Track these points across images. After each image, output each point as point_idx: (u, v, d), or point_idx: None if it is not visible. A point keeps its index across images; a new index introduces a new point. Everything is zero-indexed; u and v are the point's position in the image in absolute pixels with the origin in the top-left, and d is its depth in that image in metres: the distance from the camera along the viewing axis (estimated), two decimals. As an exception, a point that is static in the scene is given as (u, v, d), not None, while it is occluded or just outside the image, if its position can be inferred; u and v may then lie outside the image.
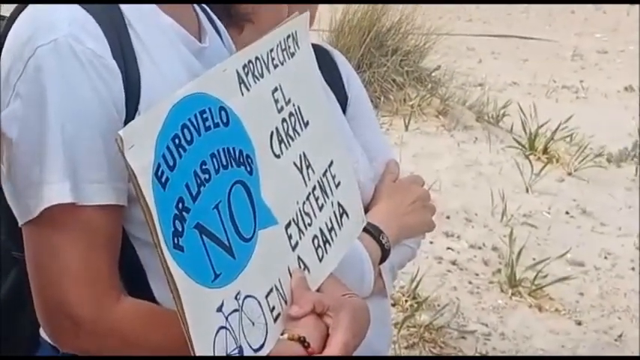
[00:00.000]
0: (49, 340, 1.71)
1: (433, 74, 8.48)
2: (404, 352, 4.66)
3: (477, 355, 4.90)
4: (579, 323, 5.51)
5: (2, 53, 1.67)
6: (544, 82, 10.81)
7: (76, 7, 1.63)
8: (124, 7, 1.68)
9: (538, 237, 6.33)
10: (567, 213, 6.90)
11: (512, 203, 6.52)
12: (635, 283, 6.03)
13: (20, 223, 1.65)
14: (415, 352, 4.72)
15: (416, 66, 8.28)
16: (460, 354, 4.91)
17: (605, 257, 6.32)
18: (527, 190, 7.00)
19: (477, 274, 5.68)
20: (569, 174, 7.51)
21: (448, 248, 5.82)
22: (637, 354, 5.19)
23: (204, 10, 1.90)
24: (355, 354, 1.76)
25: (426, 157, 6.90)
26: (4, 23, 1.74)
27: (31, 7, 1.67)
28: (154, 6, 1.72)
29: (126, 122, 1.61)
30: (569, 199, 7.10)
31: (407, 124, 7.47)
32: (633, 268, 6.22)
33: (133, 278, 1.68)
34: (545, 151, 7.64)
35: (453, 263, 5.75)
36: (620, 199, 7.20)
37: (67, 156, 1.58)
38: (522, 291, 5.62)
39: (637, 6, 13.98)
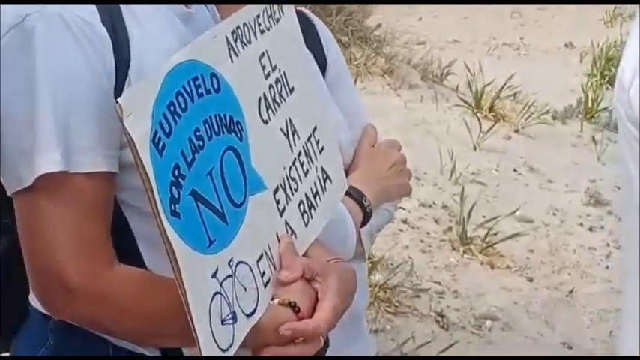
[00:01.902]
0: (41, 309, 1.72)
1: (377, 33, 8.51)
2: (360, 312, 4.70)
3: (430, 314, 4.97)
4: (530, 279, 5.61)
5: None
6: (485, 40, 10.89)
7: None
8: None
9: (487, 195, 6.41)
10: (515, 170, 6.97)
11: (461, 162, 6.56)
12: (583, 239, 6.14)
13: (10, 192, 1.66)
14: (371, 312, 4.75)
15: (361, 25, 8.31)
16: (415, 312, 4.97)
17: (554, 214, 6.42)
18: (474, 149, 7.06)
19: (428, 233, 5.73)
20: (516, 131, 7.58)
21: (399, 207, 5.85)
22: (588, 309, 5.32)
23: None
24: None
25: (373, 117, 6.86)
26: None
27: None
28: None
29: (116, 88, 1.62)
30: (516, 157, 7.16)
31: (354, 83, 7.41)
32: (581, 224, 6.31)
33: (124, 245, 1.69)
34: (491, 109, 7.70)
35: (405, 222, 5.79)
36: (566, 155, 7.29)
37: (59, 124, 1.58)
38: (474, 249, 5.71)
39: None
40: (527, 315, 5.29)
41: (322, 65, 2.18)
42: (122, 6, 1.66)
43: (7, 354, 1.89)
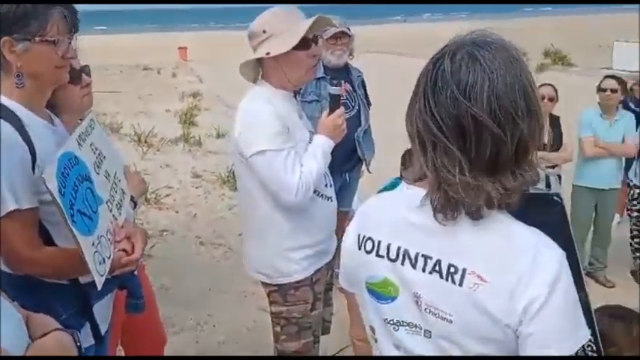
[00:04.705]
0: (7, 270, 1.60)
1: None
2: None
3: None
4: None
5: None
6: (135, 111, 10.46)
7: (9, 125, 1.51)
8: (23, 119, 1.55)
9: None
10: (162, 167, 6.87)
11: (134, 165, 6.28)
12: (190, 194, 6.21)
13: None
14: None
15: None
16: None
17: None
18: (142, 159, 6.86)
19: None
20: (158, 150, 7.47)
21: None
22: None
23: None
24: None
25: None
26: None
27: None
28: (32, 114, 1.59)
29: (32, 169, 1.53)
30: (160, 162, 7.06)
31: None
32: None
33: (46, 239, 1.60)
34: (145, 142, 7.52)
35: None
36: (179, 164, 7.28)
37: (10, 188, 1.50)
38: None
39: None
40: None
41: None
42: (29, 132, 1.54)
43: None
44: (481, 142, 1.02)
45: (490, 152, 1.02)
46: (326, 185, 2.26)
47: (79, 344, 1.09)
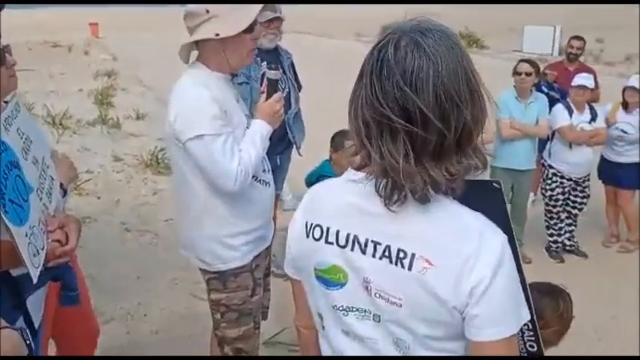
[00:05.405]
0: None
1: None
2: None
3: None
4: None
5: None
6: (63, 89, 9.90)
7: None
8: None
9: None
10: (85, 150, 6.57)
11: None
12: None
13: None
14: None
15: None
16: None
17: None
18: (57, 142, 6.49)
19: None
20: (75, 133, 7.11)
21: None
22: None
23: None
24: None
25: None
26: None
27: None
28: None
29: None
30: (77, 145, 6.74)
31: None
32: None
33: None
34: (60, 124, 7.14)
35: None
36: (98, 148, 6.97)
37: None
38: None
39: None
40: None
41: None
42: None
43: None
44: (427, 129, 1.02)
45: (436, 139, 1.02)
46: (264, 170, 2.24)
47: (28, 342, 1.03)
